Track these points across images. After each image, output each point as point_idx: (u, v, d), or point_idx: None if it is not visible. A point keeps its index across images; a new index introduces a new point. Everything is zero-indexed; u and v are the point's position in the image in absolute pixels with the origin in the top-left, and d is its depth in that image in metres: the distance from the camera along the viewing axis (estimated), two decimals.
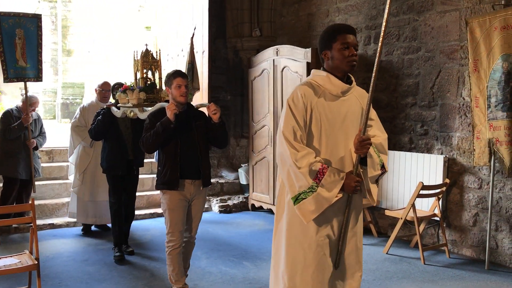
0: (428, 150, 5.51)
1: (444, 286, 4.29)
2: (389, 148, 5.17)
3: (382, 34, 2.54)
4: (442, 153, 5.36)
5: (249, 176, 7.31)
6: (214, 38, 7.74)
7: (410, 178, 5.54)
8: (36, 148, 5.95)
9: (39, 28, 5.84)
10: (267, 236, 5.90)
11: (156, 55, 4.62)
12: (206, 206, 6.73)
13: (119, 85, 5.06)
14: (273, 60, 6.63)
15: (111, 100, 5.45)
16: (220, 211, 7.12)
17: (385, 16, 2.49)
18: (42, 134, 6.08)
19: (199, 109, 4.07)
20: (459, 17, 5.13)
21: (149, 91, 4.42)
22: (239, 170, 7.73)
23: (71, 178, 6.11)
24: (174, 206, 3.75)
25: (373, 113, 2.78)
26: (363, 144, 2.56)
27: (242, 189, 7.76)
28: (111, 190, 4.99)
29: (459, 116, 5.21)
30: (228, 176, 7.94)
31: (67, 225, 6.17)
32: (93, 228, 6.04)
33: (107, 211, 5.38)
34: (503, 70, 4.59)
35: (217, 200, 7.32)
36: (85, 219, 5.85)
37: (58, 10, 15.81)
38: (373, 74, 2.53)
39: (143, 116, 4.27)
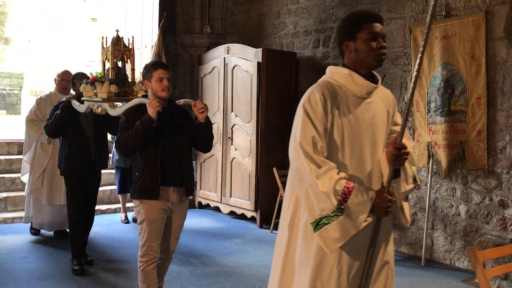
0: None
1: None
2: None
3: (425, 37, 2.13)
4: None
5: (197, 173, 7.29)
6: (164, 33, 7.64)
7: None
8: None
9: None
10: (214, 234, 5.92)
11: (129, 43, 3.99)
12: None
13: (80, 75, 4.48)
14: (224, 58, 6.65)
15: (71, 92, 4.81)
16: None
17: (428, 19, 2.12)
18: None
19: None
20: (404, 25, 5.37)
21: (121, 83, 3.84)
22: None
23: (24, 179, 5.55)
24: (154, 216, 3.25)
25: (398, 117, 2.37)
26: (401, 153, 2.12)
27: None
28: (71, 195, 4.43)
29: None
30: None
31: (4, 221, 5.90)
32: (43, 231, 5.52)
33: (64, 216, 4.92)
34: (442, 77, 4.86)
35: None
36: (41, 224, 5.37)
37: None
38: (414, 74, 2.14)
39: (114, 112, 3.75)
